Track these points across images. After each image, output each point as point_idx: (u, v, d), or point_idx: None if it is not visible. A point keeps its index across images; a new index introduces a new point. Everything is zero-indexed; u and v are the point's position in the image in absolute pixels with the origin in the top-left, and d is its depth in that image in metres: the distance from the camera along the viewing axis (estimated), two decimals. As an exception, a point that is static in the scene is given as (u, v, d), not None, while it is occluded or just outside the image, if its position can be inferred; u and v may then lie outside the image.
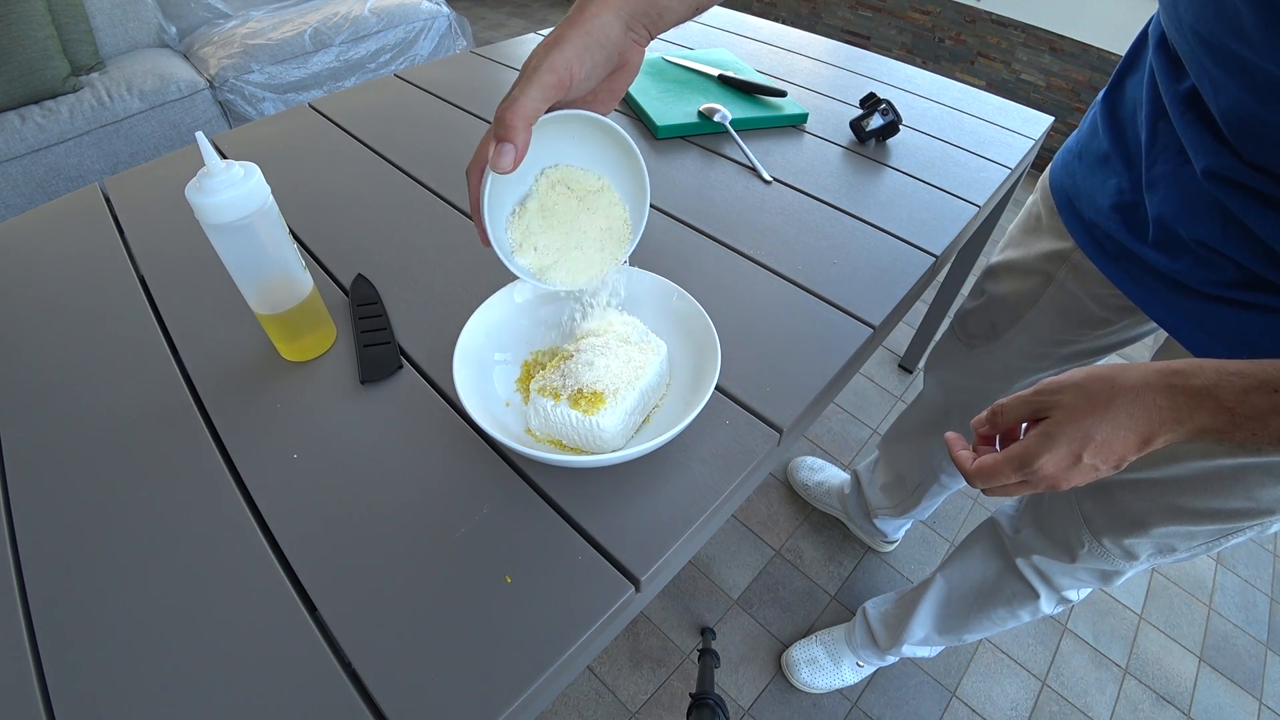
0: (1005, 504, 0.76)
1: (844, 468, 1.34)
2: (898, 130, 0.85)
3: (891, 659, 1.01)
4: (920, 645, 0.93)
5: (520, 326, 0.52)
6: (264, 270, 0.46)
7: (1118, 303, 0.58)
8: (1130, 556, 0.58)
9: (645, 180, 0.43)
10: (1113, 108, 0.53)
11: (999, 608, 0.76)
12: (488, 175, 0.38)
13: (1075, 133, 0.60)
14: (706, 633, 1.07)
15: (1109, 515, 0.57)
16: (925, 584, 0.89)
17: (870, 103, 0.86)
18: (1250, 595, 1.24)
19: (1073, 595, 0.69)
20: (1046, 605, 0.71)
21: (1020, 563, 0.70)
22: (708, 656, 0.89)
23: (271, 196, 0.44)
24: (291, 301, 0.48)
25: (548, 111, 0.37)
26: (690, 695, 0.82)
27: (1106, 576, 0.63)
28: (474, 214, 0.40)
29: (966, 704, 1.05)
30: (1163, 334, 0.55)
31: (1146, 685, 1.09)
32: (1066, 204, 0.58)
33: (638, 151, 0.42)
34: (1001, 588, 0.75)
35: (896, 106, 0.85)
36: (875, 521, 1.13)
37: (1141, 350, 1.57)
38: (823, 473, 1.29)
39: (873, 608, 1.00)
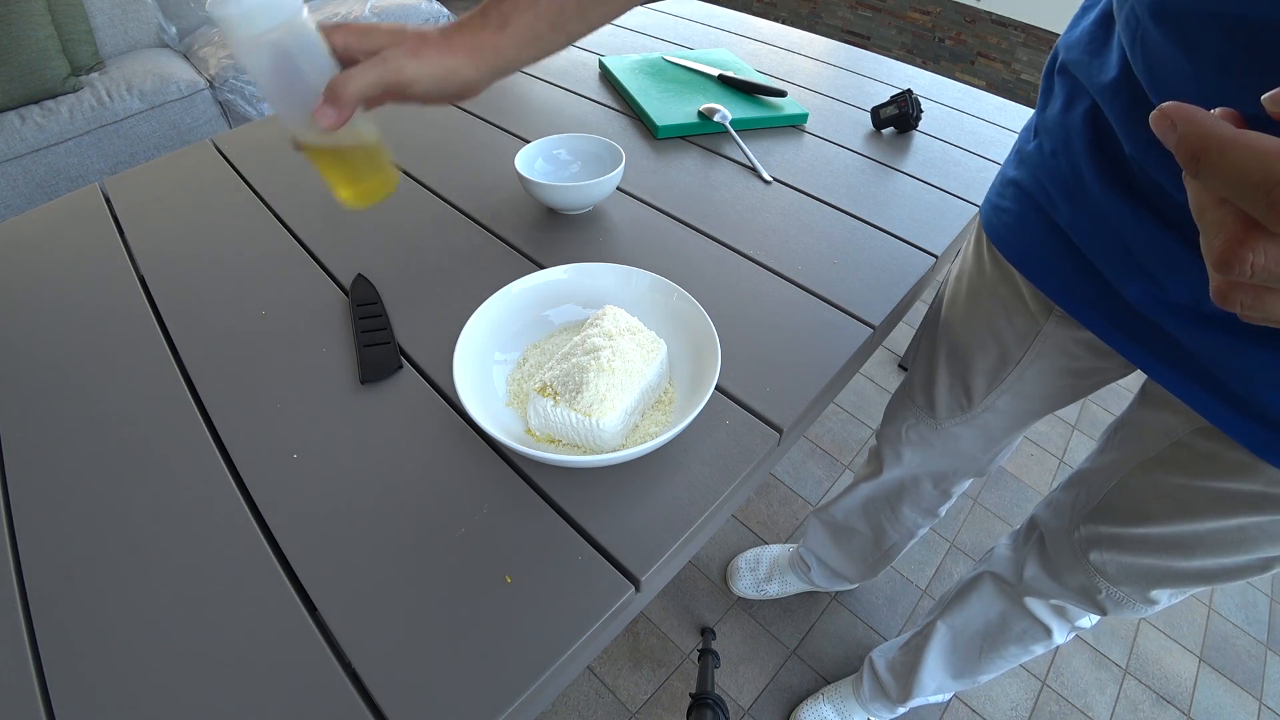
0: (995, 561, 0.73)
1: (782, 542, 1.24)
2: (910, 125, 0.85)
3: (902, 710, 0.97)
4: (934, 694, 0.90)
5: (520, 326, 0.52)
6: (308, 94, 0.40)
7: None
8: (1151, 603, 0.56)
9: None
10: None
11: (1010, 645, 0.74)
12: None
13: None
14: (706, 633, 1.07)
15: (1120, 568, 0.55)
16: (928, 632, 0.85)
17: (901, 99, 0.85)
18: (1250, 595, 1.24)
19: (1085, 624, 0.67)
20: (1059, 636, 0.69)
21: (1032, 602, 0.68)
22: (708, 656, 0.89)
23: (306, 9, 0.39)
24: (350, 138, 0.44)
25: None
26: (690, 695, 0.82)
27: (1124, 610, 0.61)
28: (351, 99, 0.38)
29: (967, 704, 1.05)
30: None
31: (1146, 685, 1.09)
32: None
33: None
34: (1009, 626, 0.72)
35: (917, 109, 0.85)
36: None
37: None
38: (761, 567, 1.16)
39: (880, 657, 0.96)
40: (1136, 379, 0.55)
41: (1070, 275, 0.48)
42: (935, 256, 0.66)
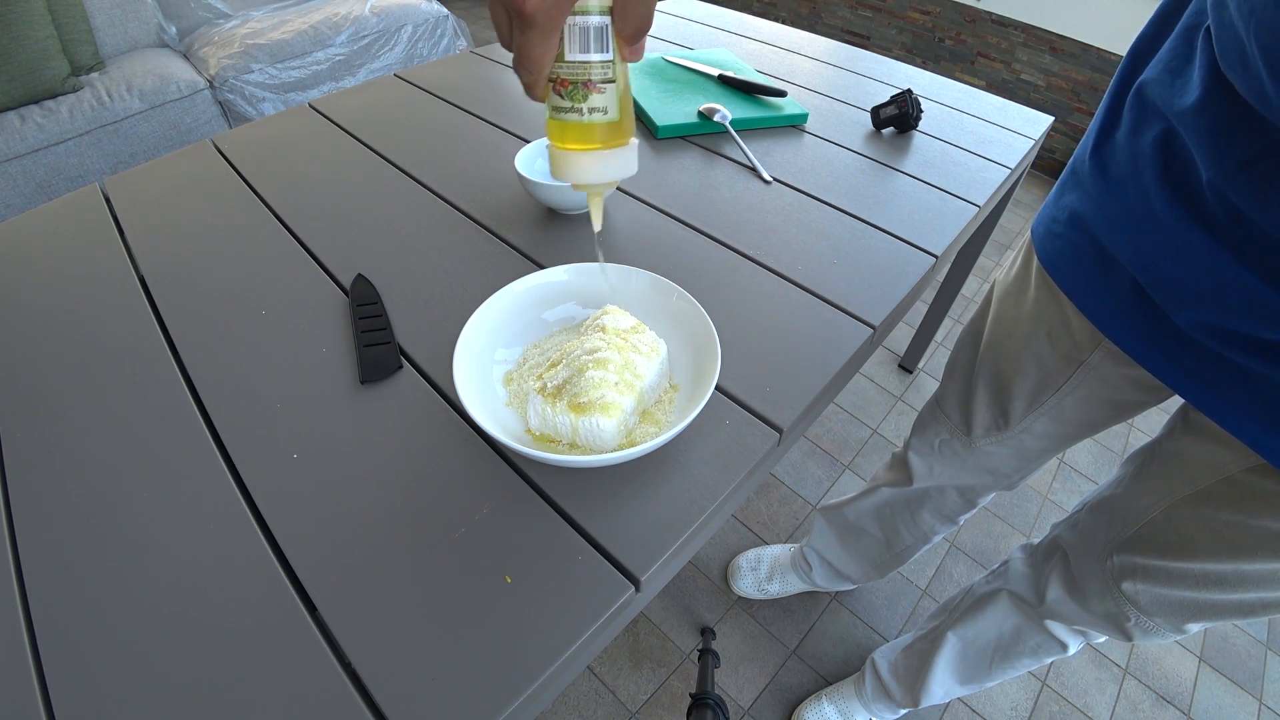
0: (1013, 579, 0.72)
1: (783, 542, 1.24)
2: (910, 125, 0.85)
3: (905, 712, 0.96)
4: (941, 699, 0.90)
5: (521, 326, 0.52)
6: None
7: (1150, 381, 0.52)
8: (1182, 633, 0.55)
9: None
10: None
11: (1024, 657, 0.73)
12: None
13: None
14: (706, 633, 1.07)
15: (1155, 599, 0.54)
16: (936, 640, 0.84)
17: (901, 98, 0.86)
18: (1250, 595, 1.24)
19: (1101, 638, 0.66)
20: (1074, 648, 0.68)
21: (1053, 625, 0.67)
22: (708, 656, 0.89)
23: None
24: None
25: None
26: (690, 695, 0.82)
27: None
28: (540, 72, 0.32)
29: (966, 704, 1.05)
30: None
31: (1146, 685, 1.09)
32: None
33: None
34: (1023, 640, 0.72)
35: (917, 109, 0.86)
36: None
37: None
38: (762, 567, 1.16)
39: (881, 658, 0.95)
40: (1170, 403, 0.53)
41: (1125, 308, 0.47)
42: (935, 256, 0.66)
